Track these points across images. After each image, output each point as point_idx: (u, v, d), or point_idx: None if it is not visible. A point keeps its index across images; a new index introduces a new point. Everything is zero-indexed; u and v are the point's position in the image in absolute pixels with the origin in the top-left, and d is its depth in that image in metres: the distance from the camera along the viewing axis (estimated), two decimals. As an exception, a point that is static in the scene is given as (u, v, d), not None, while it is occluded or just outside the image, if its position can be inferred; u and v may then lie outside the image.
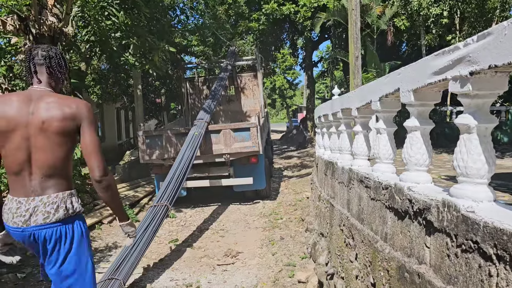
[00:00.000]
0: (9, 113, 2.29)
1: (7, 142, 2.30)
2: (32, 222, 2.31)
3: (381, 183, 2.71)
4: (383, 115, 2.90)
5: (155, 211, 6.53)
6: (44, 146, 2.32)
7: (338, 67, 38.95)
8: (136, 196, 10.70)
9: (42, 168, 2.32)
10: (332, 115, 4.75)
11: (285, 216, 8.53)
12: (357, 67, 7.91)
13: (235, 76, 13.82)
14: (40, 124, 2.30)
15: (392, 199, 2.45)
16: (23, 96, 2.39)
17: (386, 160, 2.90)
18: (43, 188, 2.34)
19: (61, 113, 2.34)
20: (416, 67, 2.21)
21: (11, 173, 2.37)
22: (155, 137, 9.62)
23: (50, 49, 2.49)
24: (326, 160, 4.92)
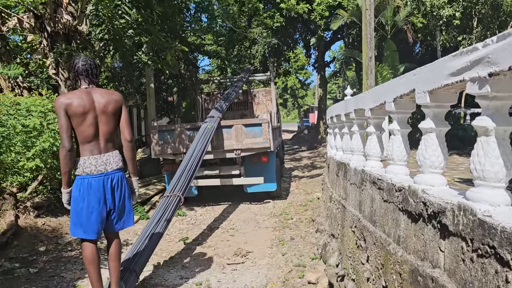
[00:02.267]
0: (82, 102, 3.59)
1: (84, 121, 3.60)
2: (109, 168, 3.70)
3: (394, 185, 2.68)
4: (397, 116, 2.87)
5: (168, 201, 6.52)
6: (105, 121, 3.68)
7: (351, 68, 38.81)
8: (147, 194, 10.76)
9: (105, 135, 3.69)
10: (344, 115, 4.72)
11: (296, 216, 8.50)
12: (370, 67, 7.84)
13: (249, 92, 13.95)
14: (102, 107, 3.66)
15: (406, 202, 2.42)
16: (83, 91, 3.70)
17: (399, 161, 2.87)
18: (107, 148, 3.72)
19: (112, 99, 3.75)
20: (432, 68, 2.17)
21: (86, 142, 3.66)
22: (168, 132, 9.70)
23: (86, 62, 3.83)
24: (338, 161, 4.89)
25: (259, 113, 13.59)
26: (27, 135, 7.05)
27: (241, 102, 14.03)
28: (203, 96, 14.60)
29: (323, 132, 23.94)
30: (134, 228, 7.89)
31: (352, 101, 4.20)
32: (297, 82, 50.02)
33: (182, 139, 9.61)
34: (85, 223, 3.77)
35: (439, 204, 1.98)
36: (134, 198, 4.21)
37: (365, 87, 8.16)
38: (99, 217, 3.79)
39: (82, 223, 3.78)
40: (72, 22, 8.92)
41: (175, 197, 6.57)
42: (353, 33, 21.32)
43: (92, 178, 3.66)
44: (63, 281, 5.43)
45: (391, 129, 2.88)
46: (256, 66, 20.38)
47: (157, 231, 5.81)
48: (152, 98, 13.23)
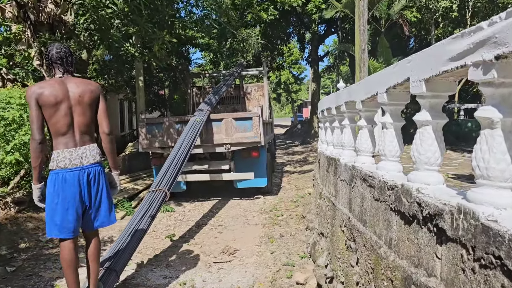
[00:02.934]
0: (55, 92, 3.40)
1: (57, 111, 3.40)
2: (85, 162, 3.50)
3: (386, 183, 2.47)
4: (390, 108, 2.65)
5: (153, 197, 6.27)
6: (81, 112, 3.49)
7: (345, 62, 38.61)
8: (136, 189, 10.50)
9: (81, 127, 3.49)
10: (335, 108, 4.50)
11: (286, 212, 8.29)
12: (363, 60, 7.62)
13: (241, 87, 13.67)
14: (77, 97, 3.47)
15: (399, 201, 2.21)
16: (57, 80, 3.51)
17: (392, 157, 2.65)
18: (84, 141, 3.52)
19: (88, 89, 3.55)
20: (429, 53, 1.95)
21: (60, 134, 3.47)
22: (156, 125, 9.46)
23: (61, 49, 3.61)
24: (329, 156, 4.68)
25: (251, 108, 13.36)
26: (6, 128, 6.78)
27: (233, 96, 13.78)
28: (194, 90, 14.33)
29: (316, 126, 23.75)
30: (120, 225, 7.65)
31: (344, 93, 3.98)
32: (291, 77, 49.81)
33: (170, 132, 9.36)
34: (60, 221, 3.55)
35: (436, 206, 1.77)
36: (116, 193, 4.03)
37: (357, 80, 7.93)
38: (75, 214, 3.57)
39: (57, 221, 3.55)
40: (56, 12, 8.60)
41: (161, 193, 6.33)
42: (346, 27, 21.09)
43: (66, 172, 3.46)
44: (41, 281, 5.19)
45: (383, 122, 2.67)
46: (249, 60, 20.10)
47: (141, 228, 5.57)
48: (141, 92, 12.93)
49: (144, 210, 5.88)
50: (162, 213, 8.72)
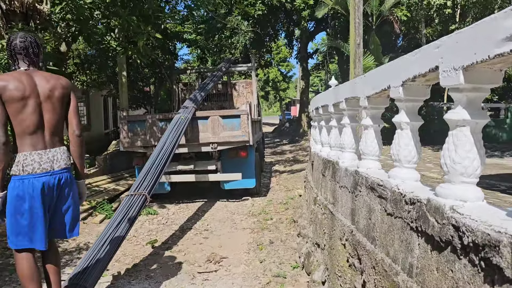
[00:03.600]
0: (21, 86, 2.99)
1: (24, 108, 2.99)
2: (57, 166, 3.11)
3: (403, 195, 2.04)
4: (405, 105, 2.22)
5: (131, 201, 5.76)
6: (51, 109, 3.11)
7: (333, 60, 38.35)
8: (117, 190, 9.97)
9: (51, 127, 3.11)
10: (333, 106, 4.07)
11: (276, 216, 7.86)
12: (358, 55, 7.21)
13: (229, 83, 13.16)
14: (48, 92, 3.09)
15: (424, 220, 1.78)
16: (22, 73, 3.09)
17: (408, 163, 2.23)
18: (54, 143, 3.14)
19: (59, 84, 3.18)
20: (472, 34, 1.51)
21: (27, 134, 3.04)
22: (138, 123, 8.95)
23: (26, 39, 3.19)
24: (325, 158, 4.24)
25: (239, 105, 12.88)
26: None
27: (220, 93, 13.28)
28: (180, 86, 13.79)
29: (305, 125, 23.40)
30: (99, 229, 7.15)
31: (344, 89, 3.55)
32: (279, 75, 49.51)
33: (153, 131, 8.86)
34: (29, 231, 3.12)
35: (486, 234, 1.34)
36: (82, 202, 3.62)
37: (352, 76, 7.53)
38: (46, 223, 3.16)
39: (26, 232, 3.12)
40: (30, 0, 8.01)
41: (140, 196, 5.83)
42: (337, 24, 20.73)
43: (34, 178, 3.06)
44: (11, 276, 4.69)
45: (398, 121, 2.24)
46: (237, 57, 19.63)
47: (117, 236, 5.07)
48: (124, 88, 12.36)
49: (121, 216, 5.37)
50: (145, 216, 8.22)
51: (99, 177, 10.36)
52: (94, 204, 8.28)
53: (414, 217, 1.88)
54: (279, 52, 45.85)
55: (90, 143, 18.15)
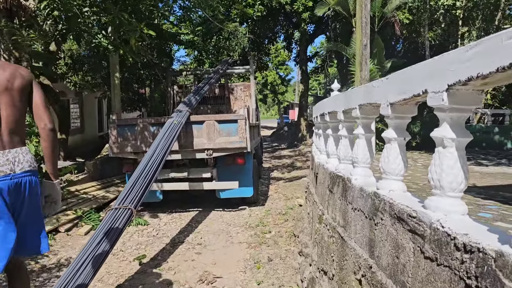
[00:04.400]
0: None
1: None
2: (18, 169, 2.65)
3: (451, 237, 1.52)
4: (450, 116, 1.71)
5: (115, 216, 5.22)
6: (10, 103, 2.63)
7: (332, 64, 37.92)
8: (106, 197, 9.42)
9: (10, 123, 2.62)
10: (343, 113, 3.55)
11: (274, 228, 7.34)
12: (365, 57, 6.71)
13: (226, 86, 12.63)
14: (5, 82, 2.62)
15: (493, 281, 1.26)
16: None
17: (453, 192, 1.71)
18: (14, 142, 2.66)
19: (19, 73, 2.72)
20: None
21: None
22: (128, 127, 8.42)
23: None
24: (333, 172, 3.73)
25: (236, 109, 12.37)
26: None
27: (217, 97, 12.75)
28: (175, 88, 13.27)
29: (304, 129, 22.89)
30: (83, 242, 6.61)
31: (359, 93, 3.04)
32: (277, 78, 49.09)
33: (144, 135, 8.34)
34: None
35: None
36: (57, 209, 3.13)
37: (358, 79, 7.03)
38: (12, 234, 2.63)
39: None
40: (14, -4, 7.51)
41: (125, 210, 5.30)
42: (338, 26, 20.28)
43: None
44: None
45: (440, 136, 1.73)
46: (235, 59, 19.12)
47: (98, 254, 4.54)
48: (116, 89, 11.77)
49: (102, 233, 4.84)
50: (134, 227, 7.69)
51: (88, 184, 9.81)
52: (80, 213, 7.73)
53: (474, 272, 1.36)
54: (277, 55, 45.51)
55: (83, 146, 17.67)
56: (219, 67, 12.45)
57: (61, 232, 6.99)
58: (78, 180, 9.62)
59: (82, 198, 8.84)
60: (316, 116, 7.31)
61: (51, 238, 6.60)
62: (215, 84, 11.88)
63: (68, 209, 7.81)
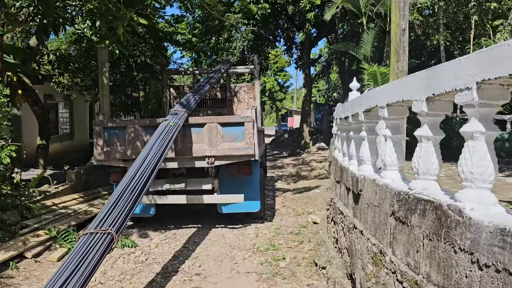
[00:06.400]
0: None
1: None
2: None
3: None
4: None
5: (90, 243, 3.95)
6: None
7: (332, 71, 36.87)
8: (89, 212, 8.11)
9: None
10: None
11: (288, 253, 6.07)
12: (403, 44, 5.50)
13: (228, 87, 11.40)
14: None
15: None
16: None
17: None
18: None
19: None
20: None
21: None
22: (117, 130, 7.20)
23: None
24: (406, 193, 2.48)
25: (239, 112, 11.15)
26: None
27: (218, 99, 11.52)
28: (171, 90, 12.00)
29: (307, 136, 21.65)
30: (54, 271, 5.33)
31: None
32: (276, 85, 48.06)
33: (135, 140, 7.10)
34: None
35: None
36: None
37: (394, 72, 5.83)
38: None
39: None
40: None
41: (104, 236, 4.03)
42: (345, 27, 19.19)
43: None
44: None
45: None
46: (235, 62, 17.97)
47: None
48: (105, 90, 10.51)
49: (71, 267, 3.57)
50: (119, 250, 6.40)
51: (68, 196, 8.51)
52: (54, 233, 6.43)
53: None
54: (276, 62, 44.56)
55: (72, 153, 16.38)
56: (221, 66, 11.24)
57: (27, 259, 5.68)
58: (57, 192, 8.32)
59: (60, 213, 7.55)
60: (338, 117, 6.10)
61: (12, 267, 5.29)
62: (216, 84, 10.66)
63: (39, 228, 6.51)
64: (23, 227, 6.50)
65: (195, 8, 13.83)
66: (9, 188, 6.88)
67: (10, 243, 5.80)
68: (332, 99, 44.53)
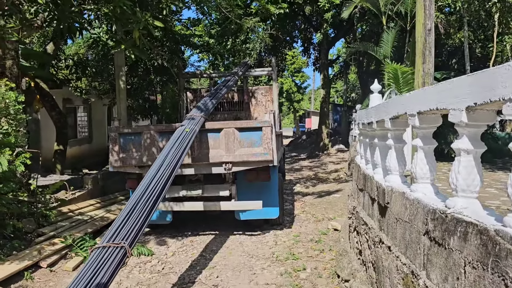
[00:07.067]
0: None
1: None
2: None
3: None
4: None
5: (102, 257, 3.80)
6: None
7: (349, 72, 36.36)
8: (107, 218, 8.03)
9: None
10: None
11: (309, 263, 5.85)
12: (429, 45, 5.22)
13: (246, 90, 11.22)
14: None
15: None
16: None
17: None
18: None
19: None
20: None
21: None
22: (132, 136, 7.09)
23: None
24: (442, 212, 2.24)
25: (257, 115, 10.96)
26: None
27: (235, 102, 11.35)
28: (188, 93, 11.88)
29: (325, 138, 21.32)
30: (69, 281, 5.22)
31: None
32: (293, 86, 47.75)
33: (152, 146, 6.98)
34: None
35: None
36: None
37: (419, 75, 5.54)
38: None
39: None
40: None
41: (117, 249, 3.88)
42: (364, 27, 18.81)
43: None
44: None
45: None
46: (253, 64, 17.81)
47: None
48: (122, 94, 10.49)
49: (84, 283, 3.43)
50: (135, 258, 6.28)
51: (86, 202, 8.45)
52: (70, 241, 6.35)
53: None
54: (293, 63, 44.34)
55: (91, 157, 16.46)
56: (238, 69, 11.07)
57: (42, 268, 5.59)
58: (73, 198, 8.27)
59: (77, 220, 7.48)
60: (358, 123, 5.86)
61: (27, 278, 5.21)
62: (233, 87, 10.50)
63: (55, 236, 6.44)
64: (39, 235, 6.44)
65: (212, 11, 13.76)
66: (26, 195, 6.83)
67: (26, 252, 5.73)
68: (350, 99, 44.01)
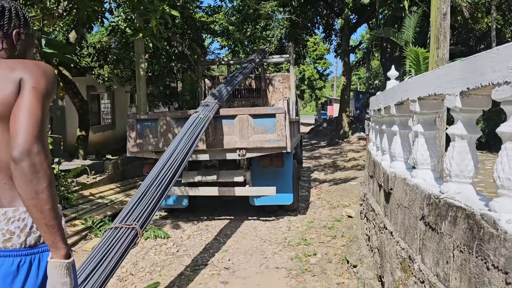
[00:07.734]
0: None
1: None
2: (1, 245, 1.50)
3: None
4: None
5: (114, 238, 3.96)
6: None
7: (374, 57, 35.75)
8: (125, 202, 8.27)
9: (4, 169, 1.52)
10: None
11: (320, 248, 5.91)
12: (444, 29, 5.13)
13: (263, 77, 11.22)
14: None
15: None
16: None
17: None
18: (11, 198, 1.53)
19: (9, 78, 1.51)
20: None
21: None
22: (149, 122, 7.27)
23: None
24: (436, 197, 2.26)
25: (274, 102, 10.99)
26: None
27: (252, 89, 11.40)
28: (206, 80, 11.98)
29: (346, 125, 21.19)
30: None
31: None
32: (315, 73, 47.29)
33: (167, 132, 7.13)
34: None
35: None
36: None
37: (433, 61, 5.46)
38: None
39: None
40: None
41: (129, 230, 4.04)
42: (386, 12, 18.45)
43: None
44: None
45: None
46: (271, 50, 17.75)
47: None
48: (142, 82, 10.67)
49: (96, 260, 3.60)
50: (152, 241, 6.48)
51: (106, 186, 8.72)
52: (90, 223, 6.60)
53: None
54: (315, 49, 43.86)
55: (114, 143, 16.86)
56: (255, 56, 11.09)
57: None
58: (94, 182, 8.54)
59: (97, 203, 7.74)
60: (373, 108, 5.83)
61: (48, 257, 5.47)
62: (249, 74, 10.53)
63: (76, 218, 6.70)
64: (61, 216, 6.70)
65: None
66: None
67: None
68: (373, 87, 43.34)
